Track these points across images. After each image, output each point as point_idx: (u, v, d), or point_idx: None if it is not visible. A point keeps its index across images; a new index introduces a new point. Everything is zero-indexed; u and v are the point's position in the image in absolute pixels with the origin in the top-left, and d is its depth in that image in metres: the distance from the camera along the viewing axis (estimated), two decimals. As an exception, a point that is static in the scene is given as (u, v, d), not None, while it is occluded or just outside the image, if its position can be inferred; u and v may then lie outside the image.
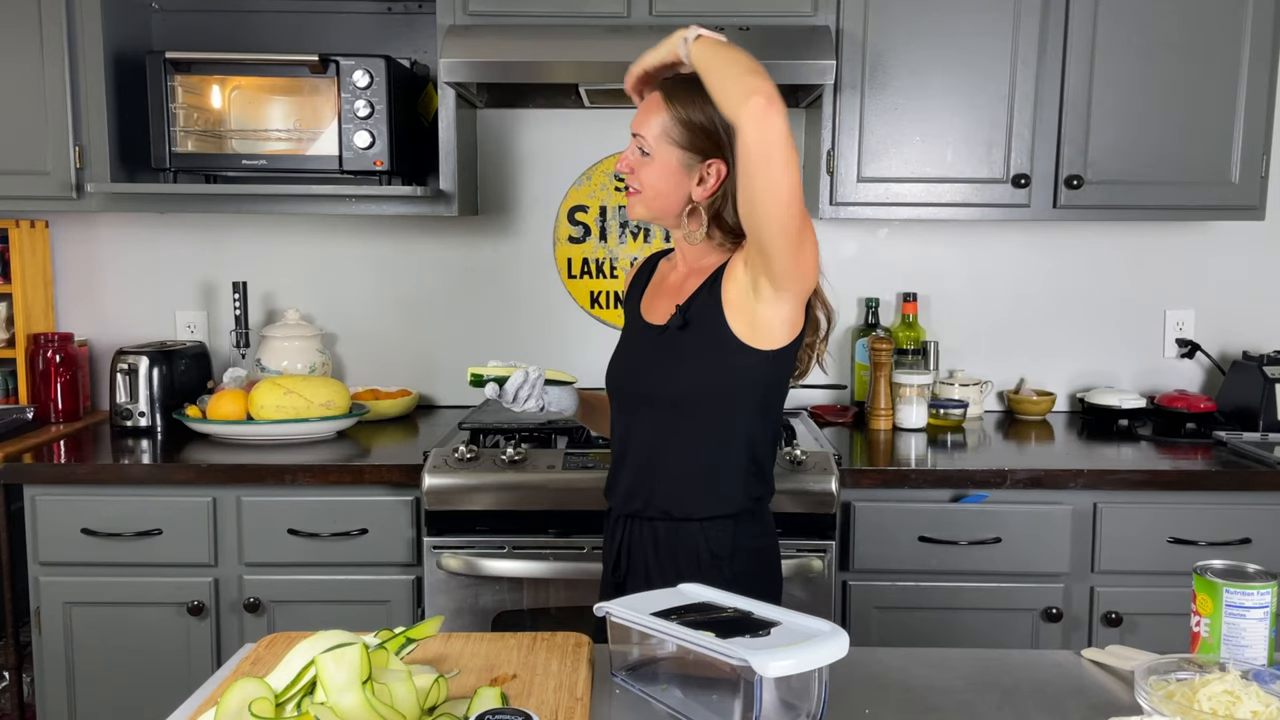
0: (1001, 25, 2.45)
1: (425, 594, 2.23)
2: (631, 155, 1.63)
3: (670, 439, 1.61)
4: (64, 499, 2.27)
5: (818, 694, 1.07)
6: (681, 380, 1.59)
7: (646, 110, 1.62)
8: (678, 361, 1.59)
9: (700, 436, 1.59)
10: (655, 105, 1.60)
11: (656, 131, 1.60)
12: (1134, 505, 2.26)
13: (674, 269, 1.72)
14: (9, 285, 2.73)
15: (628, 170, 1.64)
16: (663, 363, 1.61)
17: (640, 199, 1.64)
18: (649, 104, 1.62)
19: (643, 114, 1.62)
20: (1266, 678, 1.12)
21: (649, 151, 1.60)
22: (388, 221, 2.86)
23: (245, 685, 1.02)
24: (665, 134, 1.59)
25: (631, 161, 1.63)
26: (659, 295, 1.71)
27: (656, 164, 1.61)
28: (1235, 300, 2.88)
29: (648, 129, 1.60)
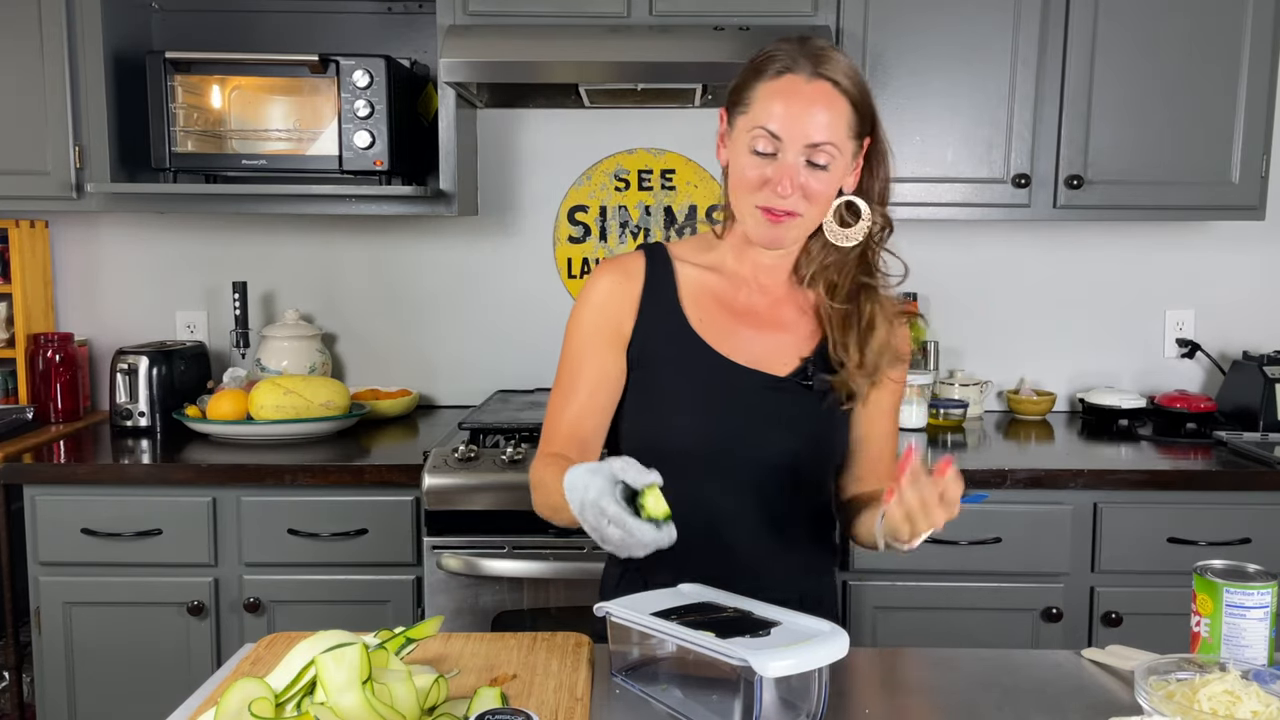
0: (1002, 25, 2.45)
1: (425, 594, 2.22)
2: (805, 176, 1.28)
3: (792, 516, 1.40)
4: (64, 499, 2.27)
5: (818, 694, 1.07)
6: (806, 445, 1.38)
7: (818, 104, 1.27)
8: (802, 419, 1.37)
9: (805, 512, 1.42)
10: (829, 97, 1.28)
11: (843, 132, 1.30)
12: (1134, 505, 2.26)
13: (745, 288, 1.41)
14: (9, 285, 2.73)
15: (795, 192, 1.28)
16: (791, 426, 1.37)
17: (800, 223, 1.32)
18: (817, 98, 1.28)
19: (815, 112, 1.27)
20: (1266, 678, 1.11)
21: (826, 163, 1.29)
22: (388, 221, 2.86)
23: (245, 685, 1.02)
24: (849, 130, 1.31)
25: (808, 183, 1.29)
26: (737, 322, 1.39)
27: (835, 172, 1.31)
28: (1235, 300, 2.88)
29: (833, 131, 1.28)
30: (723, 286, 1.41)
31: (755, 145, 1.29)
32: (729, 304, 1.40)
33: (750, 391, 1.36)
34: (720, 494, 1.37)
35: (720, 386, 1.36)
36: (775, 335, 1.39)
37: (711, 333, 1.38)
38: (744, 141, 1.31)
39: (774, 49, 1.32)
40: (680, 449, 1.34)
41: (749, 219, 1.33)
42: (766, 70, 1.30)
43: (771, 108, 1.28)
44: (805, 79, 1.28)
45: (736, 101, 1.34)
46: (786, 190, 1.28)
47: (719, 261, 1.42)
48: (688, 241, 1.47)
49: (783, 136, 1.28)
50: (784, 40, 1.32)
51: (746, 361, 1.37)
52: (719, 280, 1.41)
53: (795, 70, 1.29)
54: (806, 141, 1.27)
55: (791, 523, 1.41)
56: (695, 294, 1.40)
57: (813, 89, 1.28)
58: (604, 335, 1.39)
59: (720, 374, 1.36)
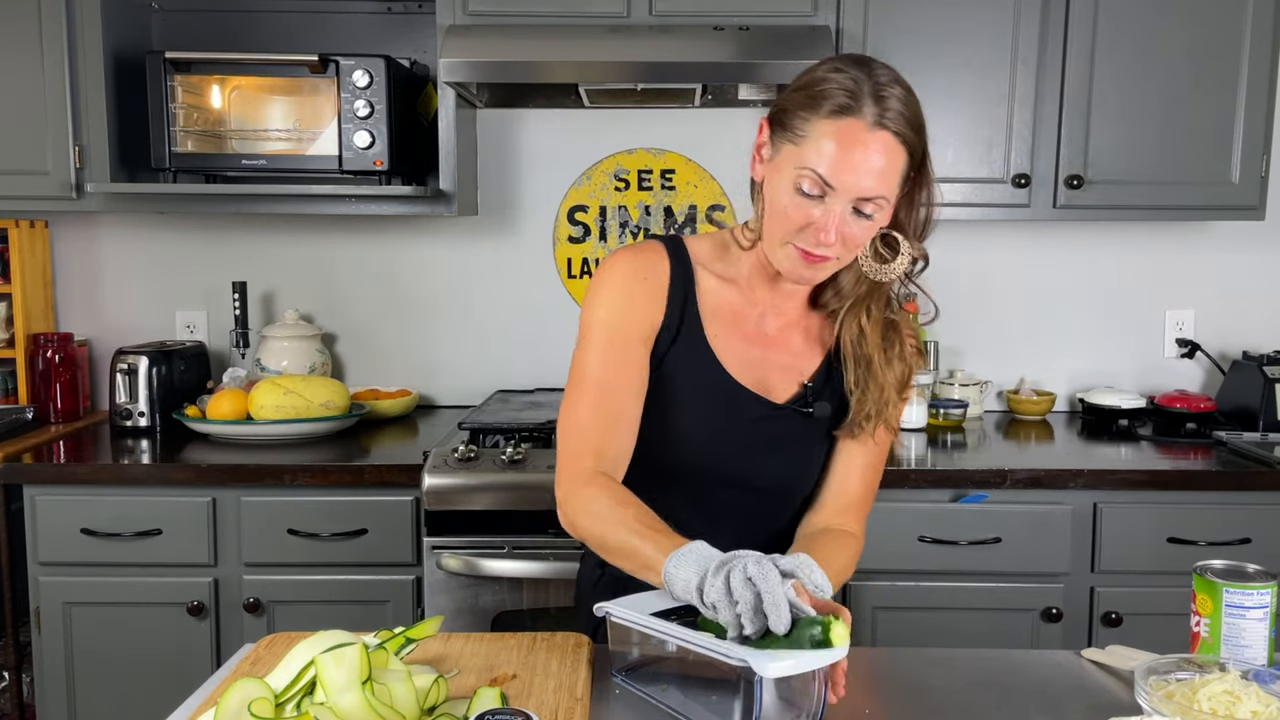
0: (1002, 25, 2.45)
1: (425, 594, 2.22)
2: (851, 225, 1.23)
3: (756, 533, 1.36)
4: (64, 499, 2.27)
5: (818, 693, 1.07)
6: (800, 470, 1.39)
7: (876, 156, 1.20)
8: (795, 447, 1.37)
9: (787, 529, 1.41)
10: (889, 149, 1.21)
11: (895, 182, 1.24)
12: (1134, 505, 2.26)
13: (759, 309, 1.37)
14: (9, 285, 2.73)
15: (837, 241, 1.23)
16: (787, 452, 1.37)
17: (832, 265, 1.28)
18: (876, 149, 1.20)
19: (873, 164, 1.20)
20: (1266, 678, 1.11)
21: (873, 213, 1.23)
22: (387, 221, 2.86)
23: (245, 685, 1.02)
24: (901, 178, 1.25)
25: (851, 231, 1.23)
26: (747, 342, 1.36)
27: (879, 221, 1.26)
28: (1235, 300, 2.88)
29: (886, 183, 1.22)
30: (739, 303, 1.36)
31: (802, 185, 1.22)
32: (742, 322, 1.36)
33: (750, 416, 1.33)
34: (710, 511, 1.36)
35: (724, 406, 1.33)
36: (780, 359, 1.37)
37: (723, 350, 1.34)
38: (789, 176, 1.23)
39: (835, 77, 1.22)
40: (677, 460, 1.33)
41: (780, 254, 1.27)
42: (825, 104, 1.21)
43: (825, 151, 1.20)
44: (867, 127, 1.19)
45: (787, 125, 1.24)
46: (830, 239, 1.22)
47: (738, 275, 1.37)
48: (705, 242, 1.40)
49: (835, 185, 1.20)
50: (845, 64, 1.23)
51: (750, 384, 1.35)
52: (736, 296, 1.37)
53: (857, 113, 1.19)
54: (858, 195, 1.21)
55: (775, 543, 1.38)
56: (713, 305, 1.35)
57: (873, 139, 1.20)
58: (638, 331, 1.31)
59: (725, 394, 1.33)
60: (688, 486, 1.35)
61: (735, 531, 1.30)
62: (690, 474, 1.35)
